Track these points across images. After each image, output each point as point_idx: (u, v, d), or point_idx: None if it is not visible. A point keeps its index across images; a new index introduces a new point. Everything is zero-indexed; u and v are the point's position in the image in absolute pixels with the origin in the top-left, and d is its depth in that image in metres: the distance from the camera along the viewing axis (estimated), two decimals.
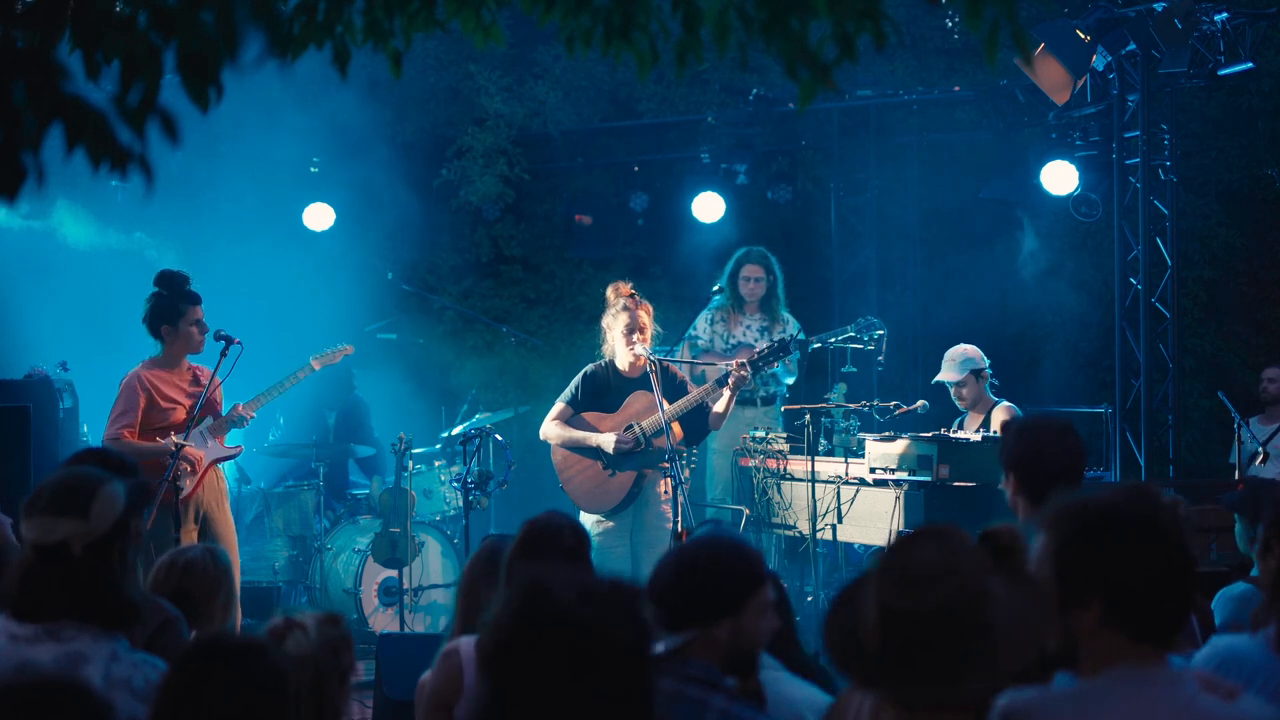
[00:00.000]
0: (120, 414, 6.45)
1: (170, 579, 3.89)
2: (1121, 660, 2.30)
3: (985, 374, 7.42)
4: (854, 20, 2.55)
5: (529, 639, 1.97)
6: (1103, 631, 2.31)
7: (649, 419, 6.69)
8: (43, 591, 2.85)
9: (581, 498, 6.80)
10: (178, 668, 2.20)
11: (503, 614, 2.00)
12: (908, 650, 2.08)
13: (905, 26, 10.26)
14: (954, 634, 2.07)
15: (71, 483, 2.90)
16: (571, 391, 6.86)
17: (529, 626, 1.97)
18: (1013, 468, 3.78)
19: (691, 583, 2.82)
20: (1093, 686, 2.30)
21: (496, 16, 3.02)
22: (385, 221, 10.08)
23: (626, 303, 6.74)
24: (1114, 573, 2.30)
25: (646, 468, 6.71)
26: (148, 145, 2.26)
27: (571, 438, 6.79)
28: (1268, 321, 10.46)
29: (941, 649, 2.07)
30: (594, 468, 6.76)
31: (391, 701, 5.18)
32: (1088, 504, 2.37)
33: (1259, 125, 10.14)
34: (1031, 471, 3.73)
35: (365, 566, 8.20)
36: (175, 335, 6.51)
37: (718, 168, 10.06)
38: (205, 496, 6.55)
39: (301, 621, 2.49)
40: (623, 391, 6.82)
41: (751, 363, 6.83)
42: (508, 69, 10.50)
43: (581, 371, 6.90)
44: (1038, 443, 3.78)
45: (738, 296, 8.55)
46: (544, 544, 3.52)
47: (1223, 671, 2.95)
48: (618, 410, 6.79)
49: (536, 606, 1.98)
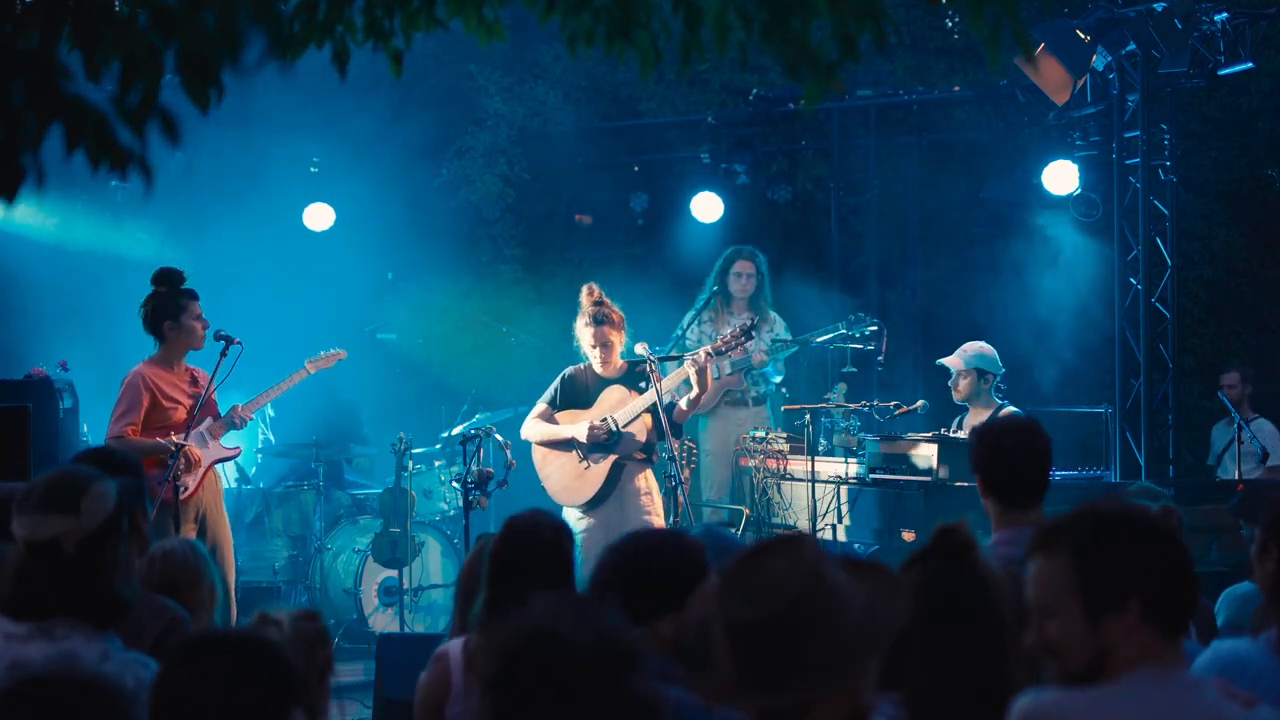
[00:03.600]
0: (123, 412, 6.46)
1: (153, 572, 3.91)
2: (1148, 662, 2.30)
3: (990, 377, 7.32)
4: (855, 20, 2.55)
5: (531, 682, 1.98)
6: (1142, 630, 2.30)
7: (621, 410, 6.77)
8: (35, 589, 2.85)
9: (560, 492, 6.86)
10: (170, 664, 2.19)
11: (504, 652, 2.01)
12: (753, 660, 2.09)
13: (905, 26, 10.26)
14: (792, 640, 2.07)
15: (63, 480, 2.90)
16: (551, 392, 6.95)
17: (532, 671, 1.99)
18: (976, 470, 3.86)
19: (632, 581, 2.83)
20: (1113, 689, 2.29)
21: (498, 14, 3.02)
22: (385, 221, 10.07)
23: (594, 313, 6.82)
24: (1148, 570, 2.31)
25: (619, 453, 6.75)
26: (148, 145, 2.25)
27: (548, 431, 6.88)
28: (1268, 321, 10.46)
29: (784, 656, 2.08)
30: (571, 460, 6.82)
31: (391, 701, 5.18)
32: (1094, 512, 2.38)
33: (1259, 125, 10.13)
34: (995, 472, 3.80)
35: (365, 566, 8.20)
36: (178, 331, 6.51)
37: (718, 168, 10.06)
38: (205, 497, 6.57)
39: (276, 618, 2.48)
40: (599, 391, 6.90)
41: (716, 351, 6.85)
42: (508, 69, 10.49)
43: (561, 374, 6.99)
44: (999, 444, 3.85)
45: (727, 294, 8.57)
46: (525, 539, 3.53)
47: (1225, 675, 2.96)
48: (591, 406, 6.87)
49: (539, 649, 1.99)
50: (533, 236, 10.94)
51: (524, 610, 2.03)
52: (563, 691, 1.96)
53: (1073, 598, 2.30)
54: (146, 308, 6.54)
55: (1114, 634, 2.29)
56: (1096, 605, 2.30)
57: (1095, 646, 2.30)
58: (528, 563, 3.46)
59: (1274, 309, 10.47)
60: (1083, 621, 2.30)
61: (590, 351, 6.84)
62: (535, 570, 3.43)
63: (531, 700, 1.97)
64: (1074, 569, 2.32)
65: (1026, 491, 3.78)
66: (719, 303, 8.57)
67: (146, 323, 6.55)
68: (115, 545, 2.90)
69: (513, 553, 3.50)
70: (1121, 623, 2.29)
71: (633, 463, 6.77)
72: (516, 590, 3.39)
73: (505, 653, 2.01)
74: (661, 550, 2.91)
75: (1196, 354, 10.17)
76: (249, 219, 9.75)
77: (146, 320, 6.54)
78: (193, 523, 6.46)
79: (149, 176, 2.26)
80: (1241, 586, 4.39)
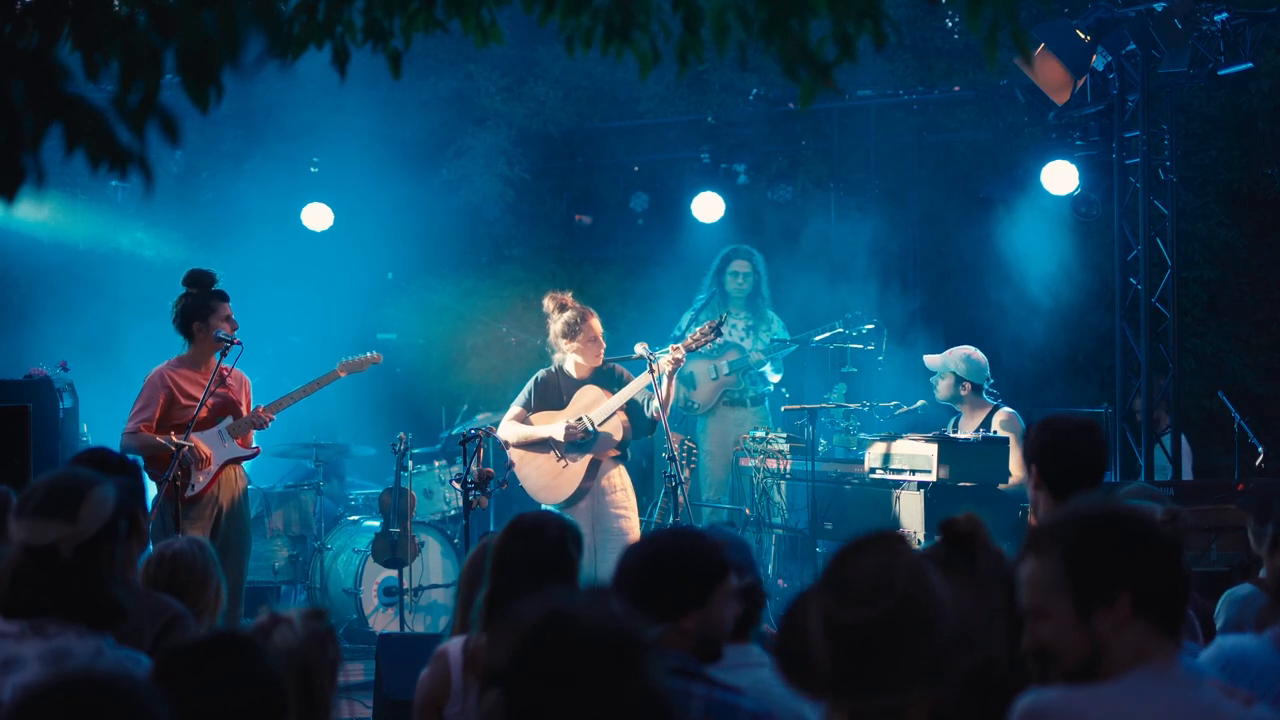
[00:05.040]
0: (140, 409, 6.50)
1: (161, 571, 3.92)
2: (1144, 659, 2.31)
3: (968, 385, 7.45)
4: (854, 20, 2.55)
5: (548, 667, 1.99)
6: (1134, 626, 2.31)
7: (596, 409, 6.89)
8: (30, 591, 2.87)
9: (539, 490, 7.00)
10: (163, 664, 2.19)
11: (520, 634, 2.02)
12: (854, 661, 2.10)
13: (905, 26, 10.25)
14: (897, 641, 2.09)
15: (62, 485, 2.91)
16: (525, 395, 7.09)
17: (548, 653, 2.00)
18: (1035, 459, 3.83)
19: (659, 577, 2.85)
20: (1114, 686, 2.30)
21: (496, 16, 3.02)
22: (385, 222, 10.08)
23: (582, 310, 6.99)
24: (1137, 566, 2.32)
25: (595, 451, 6.89)
26: (148, 145, 2.25)
27: (525, 432, 7.01)
28: (1268, 321, 10.46)
29: (886, 657, 2.09)
30: (548, 460, 6.96)
31: (391, 701, 5.18)
32: (1082, 512, 2.41)
33: (1259, 125, 10.13)
34: (1054, 464, 3.78)
35: (365, 566, 8.20)
36: (206, 332, 6.55)
37: (718, 168, 10.06)
38: (221, 496, 6.56)
39: (287, 616, 2.50)
40: (572, 392, 7.02)
41: (687, 349, 6.91)
42: (508, 69, 10.49)
43: (533, 378, 7.12)
44: (1062, 436, 3.83)
45: (724, 293, 8.57)
46: (530, 536, 3.53)
47: (1228, 671, 2.96)
48: (565, 407, 6.99)
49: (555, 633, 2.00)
50: (533, 236, 10.94)
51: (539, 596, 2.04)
52: (576, 673, 1.97)
53: (1063, 597, 2.32)
54: (177, 308, 6.59)
55: (1106, 630, 2.31)
56: (1087, 602, 2.31)
57: (1089, 645, 2.31)
58: (531, 559, 3.47)
59: (1274, 309, 10.46)
60: (1074, 620, 2.31)
61: (585, 347, 6.93)
62: (538, 567, 3.44)
63: (546, 681, 1.98)
64: (1063, 567, 2.33)
65: (1080, 488, 3.76)
66: (717, 303, 8.57)
67: (176, 323, 6.60)
68: (112, 549, 2.93)
69: (516, 549, 3.51)
70: (1112, 618, 2.30)
71: (608, 460, 6.93)
72: (519, 586, 3.39)
73: (521, 635, 2.01)
74: (681, 548, 2.93)
75: (1196, 354, 10.17)
76: (249, 219, 9.76)
77: (176, 320, 6.60)
78: (206, 521, 6.46)
79: (149, 176, 2.26)
80: (1242, 589, 4.39)
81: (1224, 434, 9.36)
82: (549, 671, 1.98)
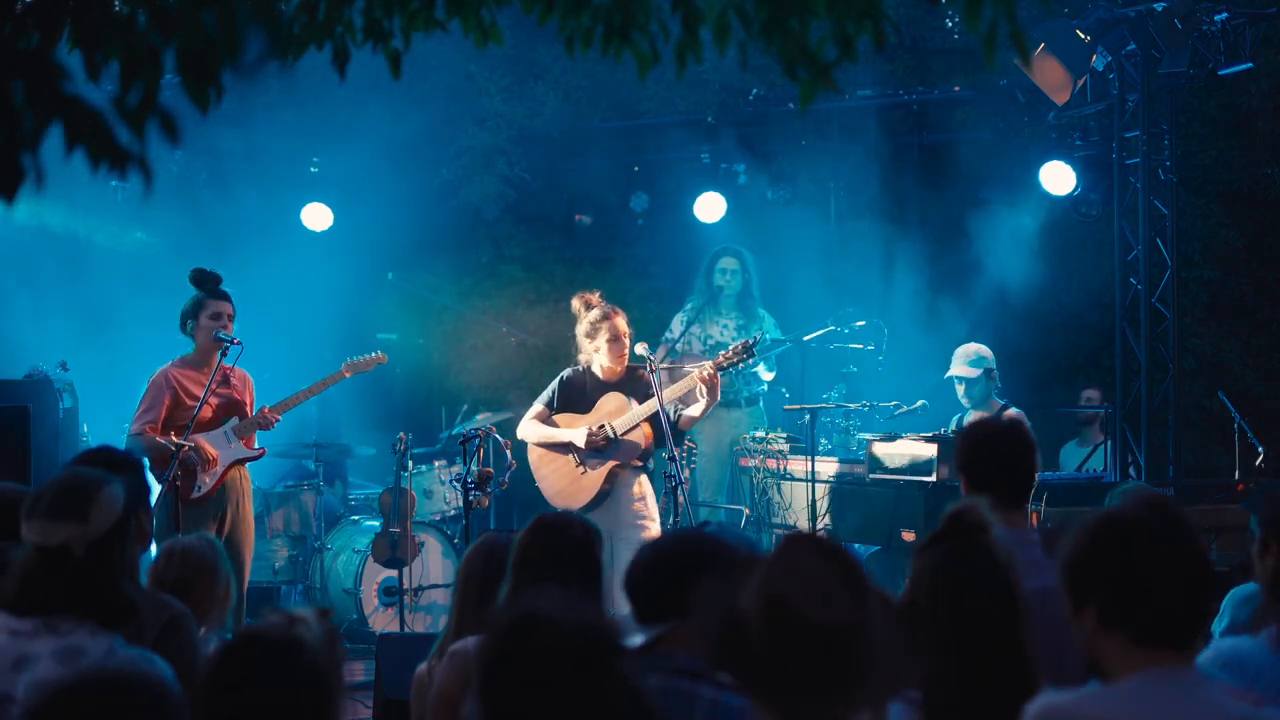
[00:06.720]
0: (145, 410, 6.52)
1: (170, 568, 3.92)
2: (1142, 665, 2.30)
3: (994, 374, 7.42)
4: (854, 20, 2.55)
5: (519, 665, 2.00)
6: (1105, 634, 2.33)
7: (620, 418, 6.73)
8: (42, 590, 2.90)
9: (555, 495, 6.84)
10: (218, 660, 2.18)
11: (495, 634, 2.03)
12: (815, 664, 2.04)
13: (905, 26, 10.25)
14: (848, 650, 2.05)
15: (71, 486, 2.94)
16: (549, 394, 6.91)
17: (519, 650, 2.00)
18: (963, 467, 3.87)
19: (669, 575, 2.84)
20: (1123, 688, 2.30)
21: (496, 16, 3.02)
22: (385, 222, 10.07)
23: (607, 309, 6.81)
24: (1108, 575, 2.33)
25: (616, 459, 6.72)
26: (147, 145, 2.25)
27: (546, 434, 6.85)
28: (1268, 321, 10.45)
29: (850, 663, 2.05)
30: (567, 464, 6.80)
31: (391, 701, 5.18)
32: (1094, 516, 2.42)
33: (1259, 125, 10.13)
34: (980, 469, 3.81)
35: (365, 566, 8.20)
36: (198, 331, 6.58)
37: (718, 168, 10.06)
38: (228, 496, 6.56)
39: (302, 615, 2.50)
40: (598, 395, 6.85)
41: (718, 367, 6.77)
42: (508, 69, 10.49)
43: (559, 376, 6.95)
44: (981, 440, 3.87)
45: (714, 291, 8.57)
46: (553, 535, 3.52)
47: (1225, 672, 2.96)
48: (590, 411, 6.83)
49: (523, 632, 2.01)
50: (533, 236, 10.94)
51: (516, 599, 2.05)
52: (549, 676, 1.97)
53: (1064, 600, 2.38)
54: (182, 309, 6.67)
55: (1090, 638, 2.35)
56: (1071, 606, 2.37)
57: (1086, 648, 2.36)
58: (552, 559, 3.45)
59: (1274, 309, 10.46)
60: (1077, 623, 2.36)
61: (609, 347, 6.75)
62: (559, 565, 3.42)
63: (521, 680, 1.99)
64: (1060, 573, 2.39)
65: (1012, 490, 3.78)
66: (708, 303, 8.57)
67: (180, 323, 6.66)
68: (123, 547, 2.98)
69: (538, 548, 3.49)
70: (1082, 626, 2.35)
71: (629, 469, 6.75)
72: (540, 585, 3.38)
73: (497, 635, 2.03)
74: (685, 549, 2.92)
75: (1196, 354, 10.17)
76: (249, 219, 9.75)
77: (179, 321, 6.66)
78: (211, 522, 6.47)
79: (149, 176, 2.26)
80: (1247, 587, 4.38)
81: (1224, 434, 9.35)
82: (522, 675, 1.98)
